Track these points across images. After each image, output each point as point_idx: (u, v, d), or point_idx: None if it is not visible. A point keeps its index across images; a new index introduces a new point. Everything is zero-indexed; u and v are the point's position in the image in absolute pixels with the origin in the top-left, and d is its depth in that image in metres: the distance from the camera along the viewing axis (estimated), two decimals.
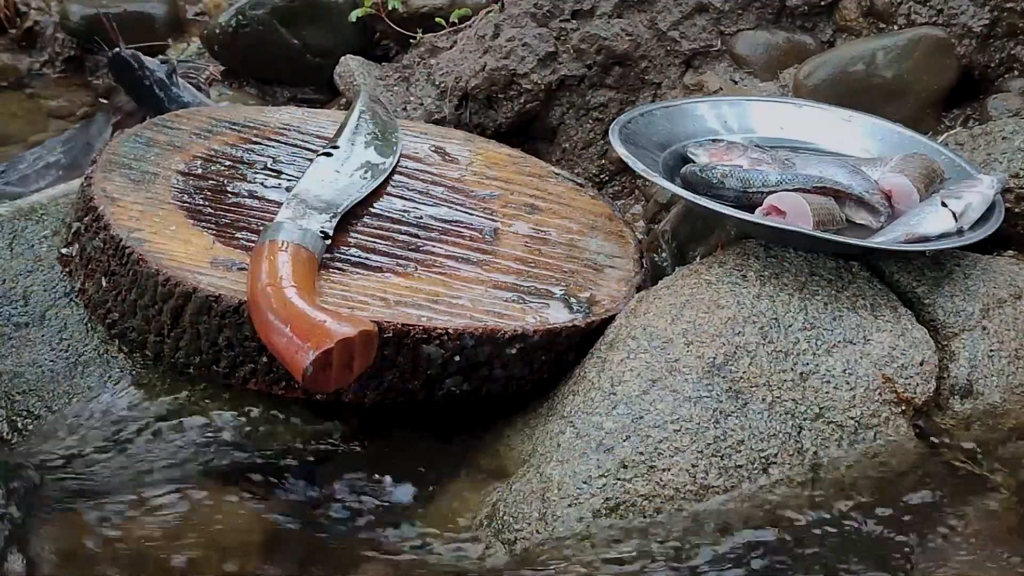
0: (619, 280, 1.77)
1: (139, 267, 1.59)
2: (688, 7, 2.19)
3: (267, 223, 1.64)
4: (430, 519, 1.54)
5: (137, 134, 1.85)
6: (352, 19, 2.42)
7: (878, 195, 1.75)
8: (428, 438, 1.64)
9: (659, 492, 1.49)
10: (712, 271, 1.67)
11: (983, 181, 1.78)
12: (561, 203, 1.91)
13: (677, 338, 1.59)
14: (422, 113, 2.21)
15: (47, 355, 1.68)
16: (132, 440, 1.59)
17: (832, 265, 1.70)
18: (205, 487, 1.54)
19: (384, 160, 1.87)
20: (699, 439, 1.52)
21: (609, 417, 1.53)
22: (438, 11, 2.38)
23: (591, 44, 2.18)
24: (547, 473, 1.51)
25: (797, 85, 2.11)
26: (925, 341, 1.65)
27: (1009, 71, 2.12)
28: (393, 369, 1.56)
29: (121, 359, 1.66)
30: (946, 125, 2.12)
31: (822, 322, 1.63)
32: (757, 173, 1.76)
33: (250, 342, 1.55)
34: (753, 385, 1.56)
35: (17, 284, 1.76)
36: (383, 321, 1.53)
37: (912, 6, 2.13)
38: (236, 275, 1.58)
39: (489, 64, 2.18)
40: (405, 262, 1.68)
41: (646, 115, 1.93)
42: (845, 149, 1.94)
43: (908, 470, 1.56)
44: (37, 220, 1.84)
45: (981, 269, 1.74)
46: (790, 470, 1.53)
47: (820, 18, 2.21)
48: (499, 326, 1.59)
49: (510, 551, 1.47)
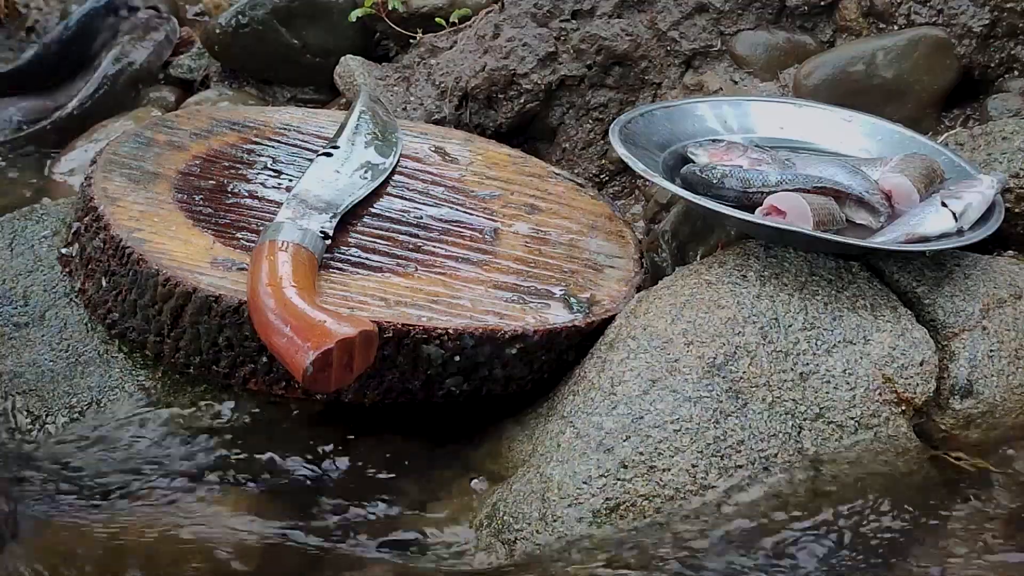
0: (619, 280, 1.77)
1: (139, 267, 1.59)
2: (688, 7, 2.19)
3: (267, 223, 1.64)
4: (430, 519, 1.54)
5: (137, 134, 1.85)
6: (352, 19, 2.42)
7: (878, 195, 1.75)
8: (428, 438, 1.64)
9: (659, 492, 1.49)
10: (712, 271, 1.67)
11: (983, 181, 1.78)
12: (561, 203, 1.91)
13: (677, 338, 1.59)
14: (422, 113, 2.21)
15: (47, 355, 1.68)
16: (131, 440, 1.59)
17: (832, 265, 1.70)
18: (204, 487, 1.55)
19: (384, 160, 1.87)
20: (699, 439, 1.52)
21: (609, 417, 1.53)
22: (438, 11, 2.38)
23: (591, 44, 2.18)
24: (547, 473, 1.51)
25: (797, 85, 2.11)
26: (925, 341, 1.65)
27: (1009, 71, 2.12)
28: (393, 369, 1.56)
29: (121, 359, 1.66)
30: (946, 125, 2.12)
31: (822, 322, 1.63)
32: (757, 173, 1.76)
33: (250, 342, 1.55)
34: (753, 385, 1.56)
35: (17, 284, 1.76)
36: (383, 321, 1.53)
37: (912, 6, 2.12)
38: (236, 275, 1.58)
39: (489, 64, 2.18)
40: (405, 262, 1.68)
41: (646, 115, 1.93)
42: (845, 149, 1.94)
43: (908, 470, 1.56)
44: (37, 220, 1.85)
45: (981, 269, 1.74)
46: (790, 470, 1.53)
47: (820, 18, 2.20)
48: (499, 326, 1.59)
49: (510, 551, 1.47)
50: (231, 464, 1.58)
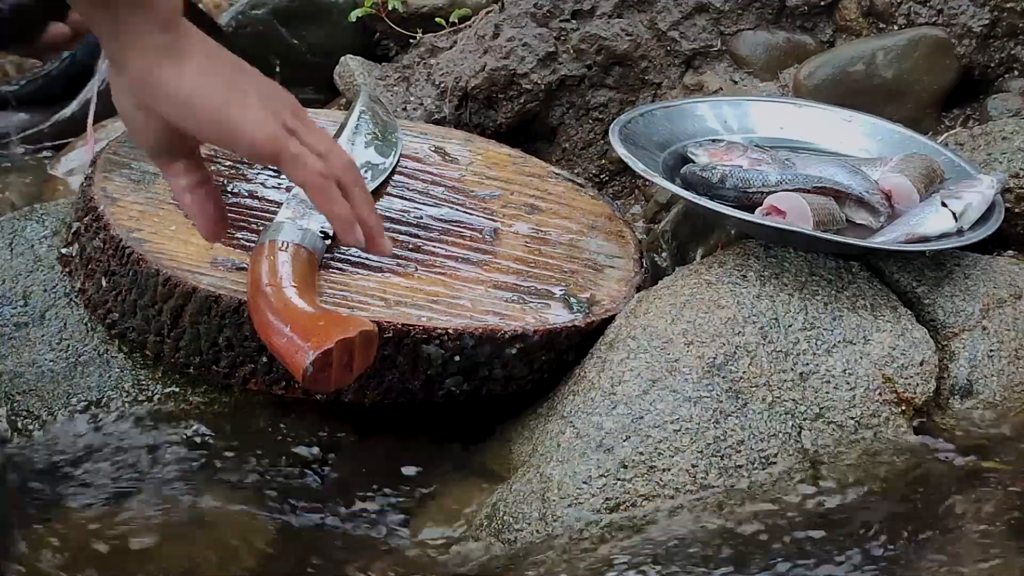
0: (619, 280, 1.76)
1: (139, 267, 1.59)
2: (688, 7, 2.19)
3: (267, 223, 1.64)
4: (430, 519, 1.54)
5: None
6: (352, 19, 2.41)
7: (878, 195, 1.75)
8: (428, 438, 1.64)
9: (659, 492, 1.49)
10: (712, 271, 1.67)
11: (983, 181, 1.78)
12: (561, 203, 1.91)
13: (677, 338, 1.59)
14: (422, 113, 2.21)
15: (47, 355, 1.68)
16: (131, 440, 1.59)
17: (832, 265, 1.70)
18: (204, 487, 1.54)
19: (384, 160, 1.87)
20: (699, 439, 1.52)
21: (609, 417, 1.53)
22: (438, 11, 2.38)
23: (591, 44, 2.18)
24: (547, 473, 1.51)
25: (797, 85, 2.11)
26: (925, 341, 1.65)
27: (1009, 71, 2.12)
28: (393, 369, 1.56)
29: (121, 359, 1.66)
30: (946, 125, 2.12)
31: (822, 322, 1.62)
32: (757, 173, 1.76)
33: (250, 342, 1.55)
34: (753, 385, 1.56)
35: (17, 284, 1.75)
36: (383, 321, 1.53)
37: (912, 6, 2.12)
38: (236, 275, 1.58)
39: (489, 64, 2.18)
40: (405, 262, 1.68)
41: (646, 115, 1.93)
42: (845, 149, 1.94)
43: (908, 470, 1.56)
44: (37, 220, 1.84)
45: (981, 269, 1.74)
46: (790, 470, 1.53)
47: (820, 18, 2.20)
48: (499, 326, 1.59)
49: (510, 551, 1.47)
50: (231, 464, 1.58)
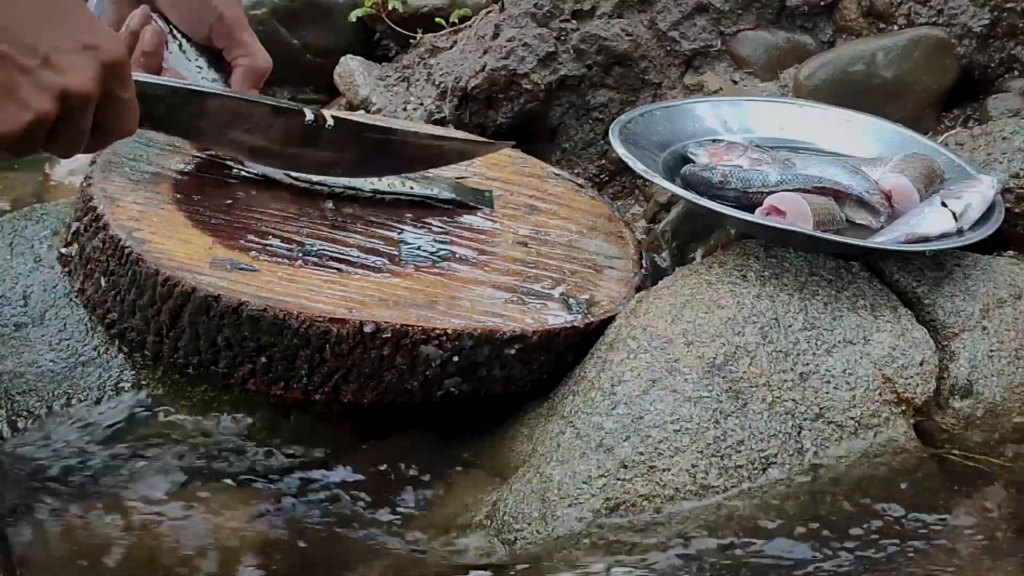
0: (619, 281, 1.76)
1: (138, 267, 1.59)
2: (688, 7, 2.19)
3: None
4: (430, 519, 1.54)
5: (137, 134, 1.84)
6: (352, 19, 2.42)
7: (878, 195, 1.75)
8: (427, 439, 1.64)
9: (659, 492, 1.49)
10: (712, 271, 1.67)
11: (983, 181, 1.78)
12: (561, 204, 1.91)
13: (677, 338, 1.59)
14: (422, 113, 2.21)
15: (47, 355, 1.68)
16: (130, 440, 1.59)
17: (832, 265, 1.70)
18: (203, 487, 1.55)
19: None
20: (699, 439, 1.51)
21: (609, 417, 1.53)
22: (438, 11, 2.38)
23: (591, 44, 2.18)
24: (547, 473, 1.51)
25: (797, 85, 2.11)
26: (925, 341, 1.65)
27: (1009, 71, 2.12)
28: (392, 370, 1.56)
29: (120, 359, 1.66)
30: (946, 125, 2.12)
31: (822, 322, 1.62)
32: (757, 173, 1.76)
33: (249, 342, 1.55)
34: (753, 385, 1.56)
35: (17, 284, 1.76)
36: (382, 321, 1.53)
37: (912, 6, 2.13)
38: (235, 275, 1.58)
39: (489, 64, 2.18)
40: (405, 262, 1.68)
41: (646, 115, 1.93)
42: (845, 149, 1.94)
43: (908, 470, 1.56)
44: (37, 220, 1.84)
45: (981, 269, 1.74)
46: (790, 470, 1.53)
47: (820, 18, 2.20)
48: (498, 327, 1.59)
49: (510, 551, 1.47)
50: (230, 464, 1.58)
